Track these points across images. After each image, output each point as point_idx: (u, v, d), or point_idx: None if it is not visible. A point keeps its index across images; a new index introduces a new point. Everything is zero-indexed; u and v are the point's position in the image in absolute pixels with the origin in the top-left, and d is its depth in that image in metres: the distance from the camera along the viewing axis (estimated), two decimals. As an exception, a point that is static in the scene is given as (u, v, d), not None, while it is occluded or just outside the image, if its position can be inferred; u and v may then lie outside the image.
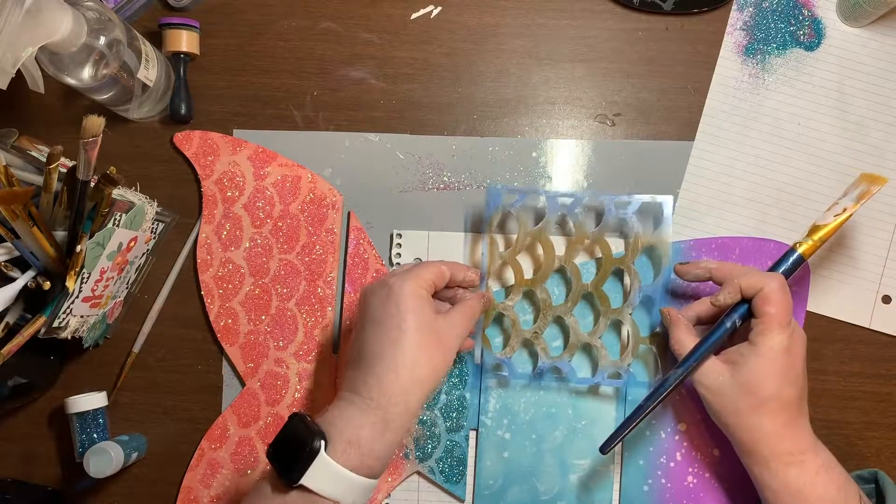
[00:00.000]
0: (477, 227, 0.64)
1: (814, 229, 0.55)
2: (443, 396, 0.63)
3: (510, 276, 0.62)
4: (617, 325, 0.63)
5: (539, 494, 0.61)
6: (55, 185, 0.53)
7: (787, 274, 0.54)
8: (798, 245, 0.55)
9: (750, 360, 0.52)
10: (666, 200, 0.60)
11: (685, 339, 0.56)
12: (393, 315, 0.49)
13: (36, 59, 0.50)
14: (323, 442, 0.45)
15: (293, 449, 0.45)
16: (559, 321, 0.62)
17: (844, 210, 0.54)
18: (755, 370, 0.52)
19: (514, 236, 0.62)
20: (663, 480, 0.61)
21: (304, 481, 0.44)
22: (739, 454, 0.55)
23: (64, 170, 0.54)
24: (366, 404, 0.48)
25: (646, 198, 0.61)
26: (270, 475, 0.47)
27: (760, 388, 0.51)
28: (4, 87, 0.47)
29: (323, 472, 0.45)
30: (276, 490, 0.46)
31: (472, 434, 0.63)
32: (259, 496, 0.47)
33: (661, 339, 0.61)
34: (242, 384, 0.64)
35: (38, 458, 0.65)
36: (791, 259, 0.55)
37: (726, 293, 0.54)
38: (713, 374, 0.54)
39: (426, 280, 0.52)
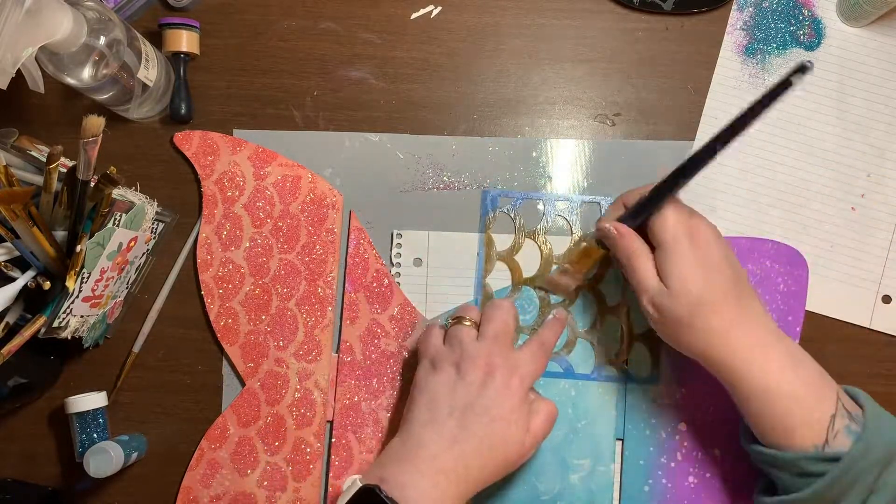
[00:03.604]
0: (484, 227, 0.64)
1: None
2: (443, 396, 0.63)
3: (510, 275, 0.62)
4: (616, 322, 0.63)
5: (539, 494, 0.61)
6: (55, 185, 0.53)
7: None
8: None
9: (665, 263, 0.51)
10: None
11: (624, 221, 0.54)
12: (521, 431, 0.52)
13: (36, 59, 0.50)
14: None
15: None
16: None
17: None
18: (672, 269, 0.51)
19: (513, 236, 0.63)
20: (664, 480, 0.61)
21: None
22: (715, 374, 0.52)
23: (64, 170, 0.54)
24: (451, 481, 0.50)
25: None
26: None
27: (686, 286, 0.50)
28: (4, 87, 0.47)
29: None
30: None
31: (473, 434, 0.63)
32: None
33: (657, 334, 0.61)
34: (242, 384, 0.64)
35: (38, 458, 0.65)
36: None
37: (610, 210, 0.57)
38: (655, 293, 0.52)
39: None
